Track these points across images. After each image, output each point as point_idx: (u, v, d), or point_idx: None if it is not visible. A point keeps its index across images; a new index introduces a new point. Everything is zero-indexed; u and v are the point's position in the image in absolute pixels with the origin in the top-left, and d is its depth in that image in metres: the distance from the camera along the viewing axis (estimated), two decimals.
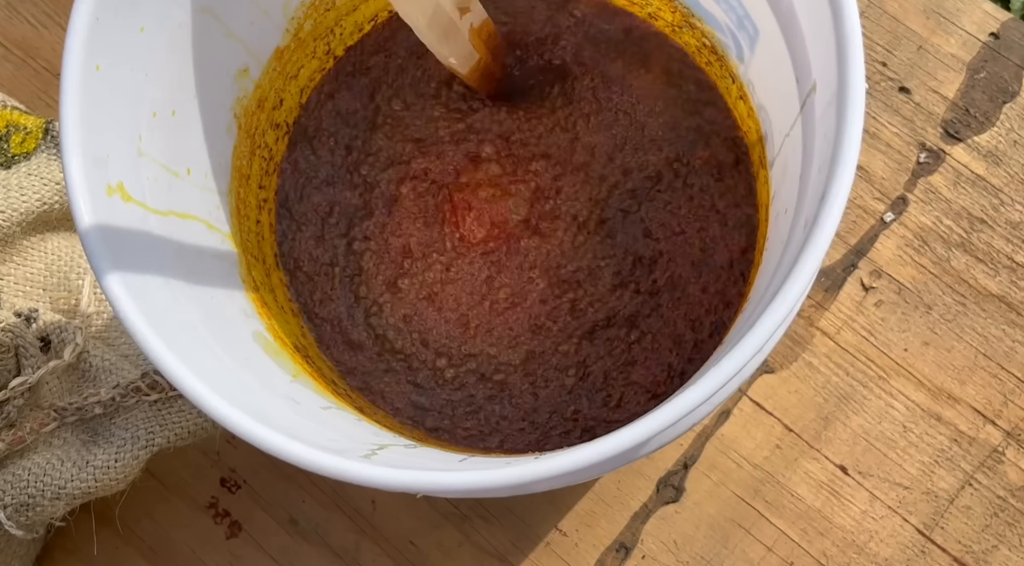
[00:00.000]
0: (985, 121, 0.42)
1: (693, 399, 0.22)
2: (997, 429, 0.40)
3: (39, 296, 0.38)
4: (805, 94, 0.26)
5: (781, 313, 0.21)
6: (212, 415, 0.23)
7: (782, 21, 0.27)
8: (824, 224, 0.22)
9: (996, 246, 0.41)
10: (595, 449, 0.22)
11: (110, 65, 0.26)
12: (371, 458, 0.24)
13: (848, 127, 0.22)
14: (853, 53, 0.22)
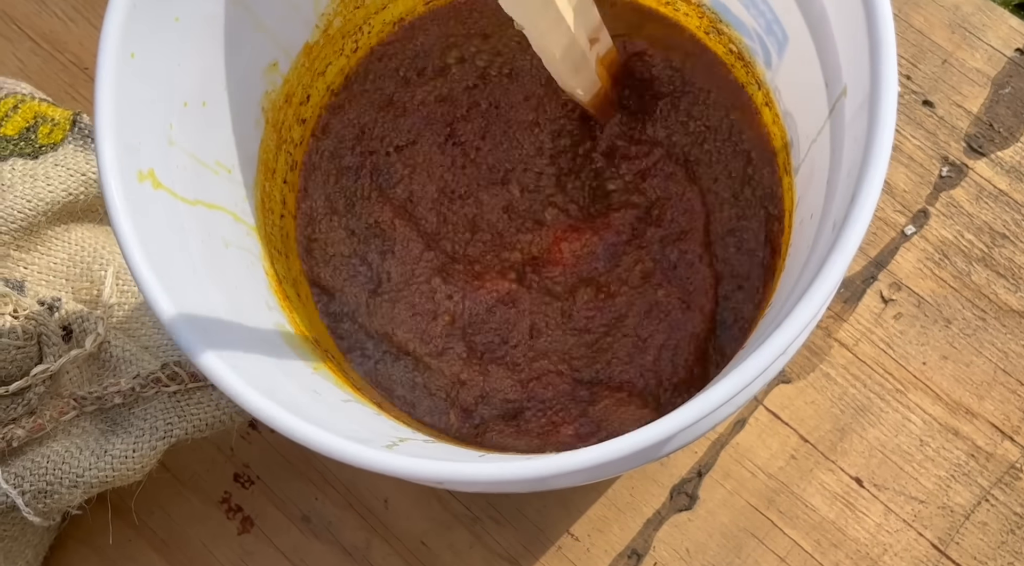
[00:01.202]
0: (1009, 136, 0.42)
1: (714, 400, 0.22)
2: (1015, 445, 0.39)
3: (62, 286, 0.39)
4: (835, 98, 0.26)
5: (809, 313, 0.21)
6: (240, 401, 0.23)
7: (812, 25, 0.27)
8: (854, 225, 0.22)
9: (1018, 262, 0.41)
10: (614, 447, 0.22)
11: (145, 53, 0.26)
12: (393, 449, 0.24)
13: (880, 129, 0.22)
14: (887, 55, 0.22)
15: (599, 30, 0.31)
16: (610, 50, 0.33)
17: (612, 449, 0.22)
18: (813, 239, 0.26)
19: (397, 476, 0.22)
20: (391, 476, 0.22)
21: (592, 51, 0.31)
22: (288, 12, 0.33)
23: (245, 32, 0.30)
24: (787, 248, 0.32)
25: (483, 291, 0.35)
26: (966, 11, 0.43)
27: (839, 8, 0.25)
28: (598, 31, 0.31)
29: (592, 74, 0.31)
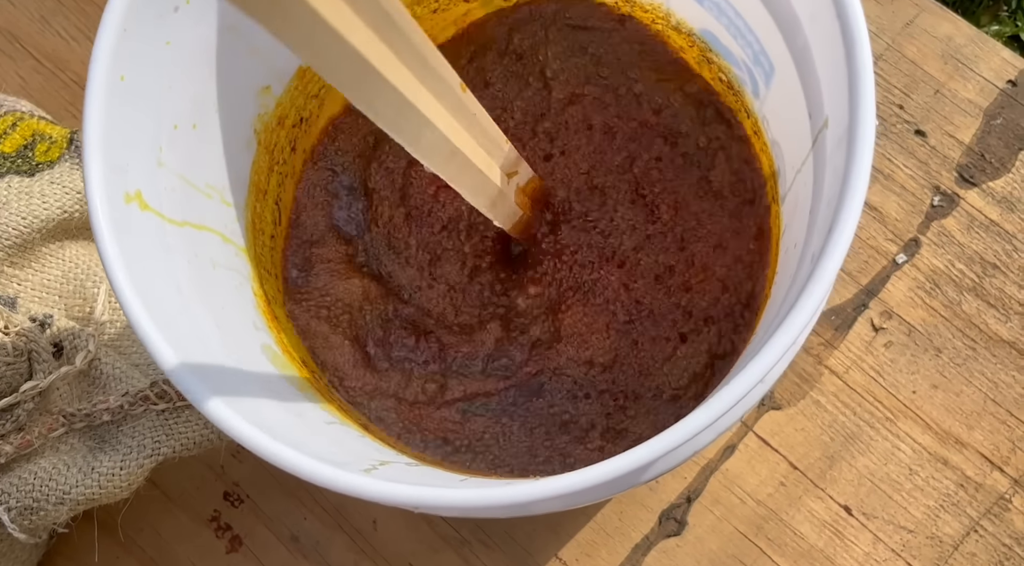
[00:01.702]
0: (1000, 167, 0.42)
1: (694, 425, 0.22)
2: (1004, 476, 0.39)
3: (55, 302, 0.39)
4: (817, 129, 0.26)
5: (784, 344, 0.21)
6: (217, 423, 0.23)
7: (797, 57, 0.27)
8: (830, 257, 0.22)
9: (1008, 292, 0.41)
10: (596, 472, 0.22)
11: (135, 76, 0.26)
12: (371, 472, 0.24)
13: (857, 162, 0.22)
14: (864, 89, 0.23)
15: (516, 164, 0.31)
16: (531, 179, 0.33)
17: (593, 475, 0.22)
18: (795, 269, 0.27)
19: (374, 501, 0.22)
20: (368, 501, 0.22)
21: (511, 183, 0.31)
22: None
23: (238, 56, 0.31)
24: (773, 277, 0.32)
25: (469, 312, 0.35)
26: (959, 42, 0.44)
27: (821, 41, 0.25)
28: (515, 164, 0.31)
29: (510, 206, 0.32)
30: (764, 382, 0.26)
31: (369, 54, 0.20)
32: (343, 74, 0.20)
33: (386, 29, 0.21)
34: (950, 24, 0.44)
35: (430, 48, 0.23)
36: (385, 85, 0.21)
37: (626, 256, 0.36)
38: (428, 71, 0.23)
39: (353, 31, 0.19)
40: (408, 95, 0.22)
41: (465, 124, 0.26)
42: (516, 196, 0.32)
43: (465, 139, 0.26)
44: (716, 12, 0.32)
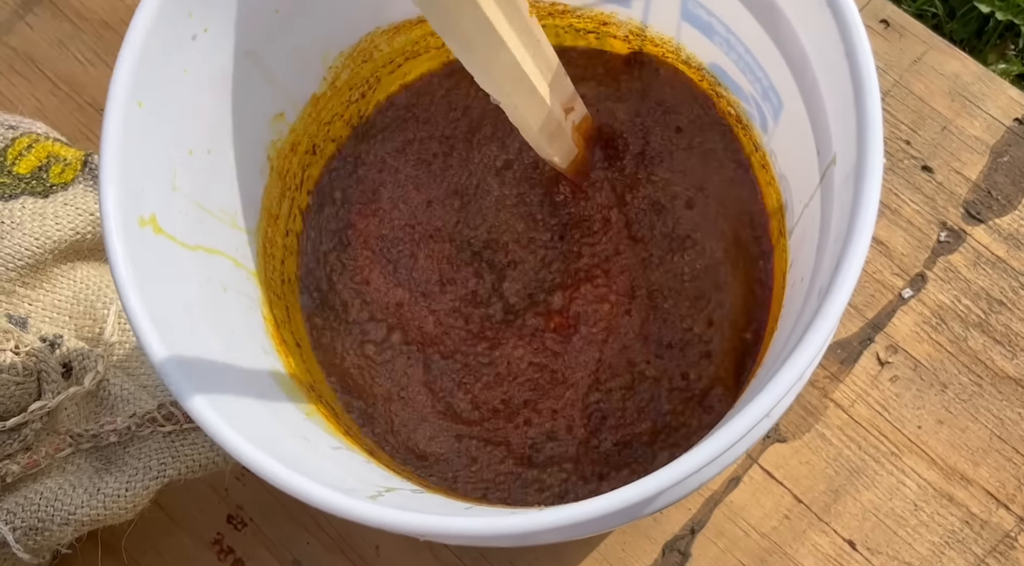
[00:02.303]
0: (1007, 204, 0.43)
1: (699, 459, 0.22)
2: (1010, 514, 0.39)
3: (65, 323, 0.39)
4: (825, 165, 0.26)
5: (790, 379, 0.22)
6: (224, 445, 0.24)
7: (805, 94, 0.28)
8: (837, 293, 0.22)
9: (1015, 329, 0.41)
10: (600, 503, 0.22)
11: (152, 102, 0.27)
12: (377, 499, 0.24)
13: (865, 199, 0.22)
14: (872, 127, 0.23)
15: (573, 99, 0.31)
16: (584, 117, 0.33)
17: (597, 506, 0.22)
18: (802, 303, 0.27)
19: (380, 528, 0.22)
20: (374, 528, 0.22)
21: (568, 120, 0.31)
22: (297, 65, 0.33)
23: (254, 84, 0.31)
24: (779, 310, 0.32)
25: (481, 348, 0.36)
26: (966, 80, 0.44)
27: (829, 78, 0.26)
28: (572, 100, 0.31)
29: (568, 142, 0.32)
30: (770, 416, 0.26)
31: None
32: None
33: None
34: (957, 62, 0.45)
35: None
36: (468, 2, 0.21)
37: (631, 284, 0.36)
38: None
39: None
40: (487, 12, 0.22)
41: (532, 51, 0.26)
42: (572, 133, 0.32)
43: (532, 65, 0.26)
44: (726, 47, 0.32)
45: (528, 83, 0.26)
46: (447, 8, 0.22)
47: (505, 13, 0.24)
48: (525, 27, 0.26)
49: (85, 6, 0.50)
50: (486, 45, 0.24)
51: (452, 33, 0.23)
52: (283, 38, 0.32)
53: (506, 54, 0.24)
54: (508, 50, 0.24)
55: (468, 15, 0.22)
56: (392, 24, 0.36)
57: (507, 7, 0.24)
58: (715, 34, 0.32)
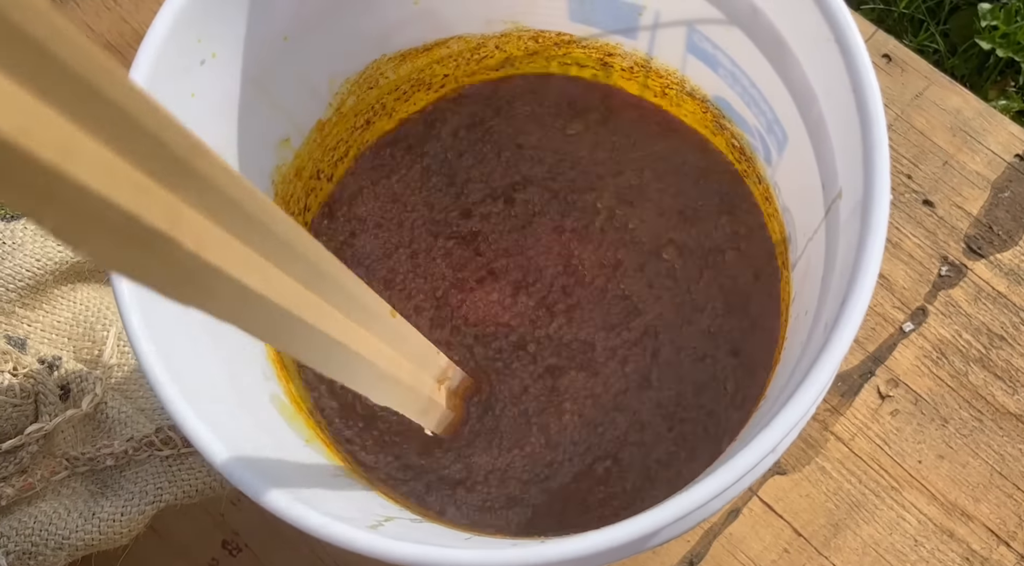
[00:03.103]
0: (1008, 240, 0.43)
1: (703, 494, 0.22)
2: (1011, 551, 0.39)
3: (64, 345, 0.39)
4: (831, 200, 0.26)
5: (797, 414, 0.22)
6: (220, 470, 0.23)
7: (811, 127, 0.28)
8: (844, 328, 0.22)
9: (1015, 364, 0.41)
10: (602, 537, 0.22)
11: None
12: (377, 529, 0.24)
13: (872, 235, 0.22)
14: (880, 163, 0.23)
15: (447, 370, 0.31)
16: (462, 380, 0.33)
17: (599, 540, 0.22)
18: (807, 336, 0.27)
19: (379, 558, 0.22)
20: (373, 558, 0.22)
21: (441, 390, 0.31)
22: (303, 91, 0.33)
23: (260, 109, 0.31)
24: (783, 342, 0.32)
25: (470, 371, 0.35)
26: (967, 115, 0.44)
27: (836, 113, 0.26)
28: (445, 372, 0.31)
29: (442, 410, 0.32)
30: (775, 452, 0.26)
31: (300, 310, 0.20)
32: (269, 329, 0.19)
33: (315, 281, 0.20)
34: (959, 97, 0.45)
35: (360, 287, 0.23)
36: (314, 332, 0.21)
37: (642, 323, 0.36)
38: (357, 307, 0.23)
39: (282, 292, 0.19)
40: (336, 335, 0.22)
41: (395, 346, 0.26)
42: (448, 400, 0.32)
43: (395, 361, 0.26)
44: (731, 81, 0.32)
45: (389, 379, 0.26)
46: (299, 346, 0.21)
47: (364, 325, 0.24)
48: (388, 330, 0.25)
49: (92, 29, 0.50)
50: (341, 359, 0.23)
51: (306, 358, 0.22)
52: (290, 64, 0.32)
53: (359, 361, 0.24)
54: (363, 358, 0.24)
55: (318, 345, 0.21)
56: (398, 51, 0.36)
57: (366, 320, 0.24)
58: (720, 67, 0.32)
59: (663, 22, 0.32)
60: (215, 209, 0.16)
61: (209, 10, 0.27)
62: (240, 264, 0.17)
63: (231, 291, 0.17)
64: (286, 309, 0.19)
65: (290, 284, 0.19)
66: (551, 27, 0.36)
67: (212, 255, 0.16)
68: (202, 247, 0.16)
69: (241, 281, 0.17)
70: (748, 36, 0.29)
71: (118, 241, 0.14)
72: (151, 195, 0.14)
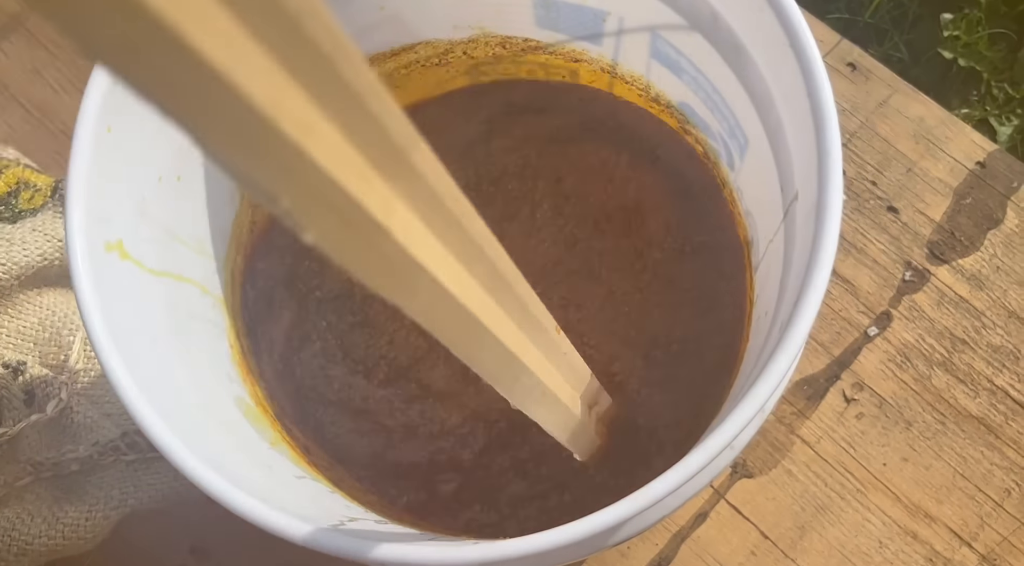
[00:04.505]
0: (970, 245, 0.43)
1: (661, 490, 0.22)
2: (973, 552, 0.39)
3: (29, 349, 0.39)
4: (789, 202, 0.27)
5: (750, 412, 0.22)
6: (184, 472, 0.23)
7: (770, 132, 0.28)
8: (797, 327, 0.22)
9: (977, 368, 0.42)
10: (563, 533, 0.22)
11: (121, 128, 0.27)
12: (339, 528, 0.24)
13: (825, 236, 0.23)
14: (833, 166, 0.23)
15: (598, 394, 0.31)
16: (608, 407, 0.33)
17: (559, 536, 0.22)
18: (765, 337, 0.27)
19: (338, 555, 0.22)
20: (331, 555, 0.22)
21: (591, 415, 0.31)
22: None
23: None
24: (746, 344, 0.33)
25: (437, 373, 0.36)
26: (930, 123, 0.45)
27: (792, 117, 0.26)
28: (596, 396, 0.31)
29: (590, 435, 0.31)
30: (732, 448, 0.26)
31: (481, 313, 0.19)
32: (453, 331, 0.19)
33: (495, 284, 0.20)
34: (922, 105, 0.46)
35: (532, 296, 0.23)
36: (492, 340, 0.20)
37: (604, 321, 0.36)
38: (528, 319, 0.23)
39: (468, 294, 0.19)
40: (511, 346, 0.21)
41: (556, 363, 0.26)
42: (596, 425, 0.31)
43: (556, 379, 0.26)
44: (694, 86, 0.32)
45: (551, 396, 0.25)
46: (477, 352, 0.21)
47: (532, 338, 0.24)
48: (551, 345, 0.25)
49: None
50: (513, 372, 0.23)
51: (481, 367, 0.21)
52: None
53: (529, 377, 0.23)
54: (532, 373, 0.23)
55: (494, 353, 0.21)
56: (364, 56, 0.36)
57: (534, 333, 0.23)
58: (683, 73, 0.33)
59: (627, 28, 0.33)
60: (421, 205, 0.16)
61: None
62: (438, 261, 0.17)
63: (430, 289, 0.17)
64: (473, 314, 0.19)
65: (476, 287, 0.19)
66: (518, 33, 0.36)
67: (417, 251, 0.16)
68: (409, 240, 0.16)
69: (439, 280, 0.17)
70: (709, 42, 0.30)
71: (341, 224, 0.14)
72: (371, 183, 0.14)
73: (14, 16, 0.50)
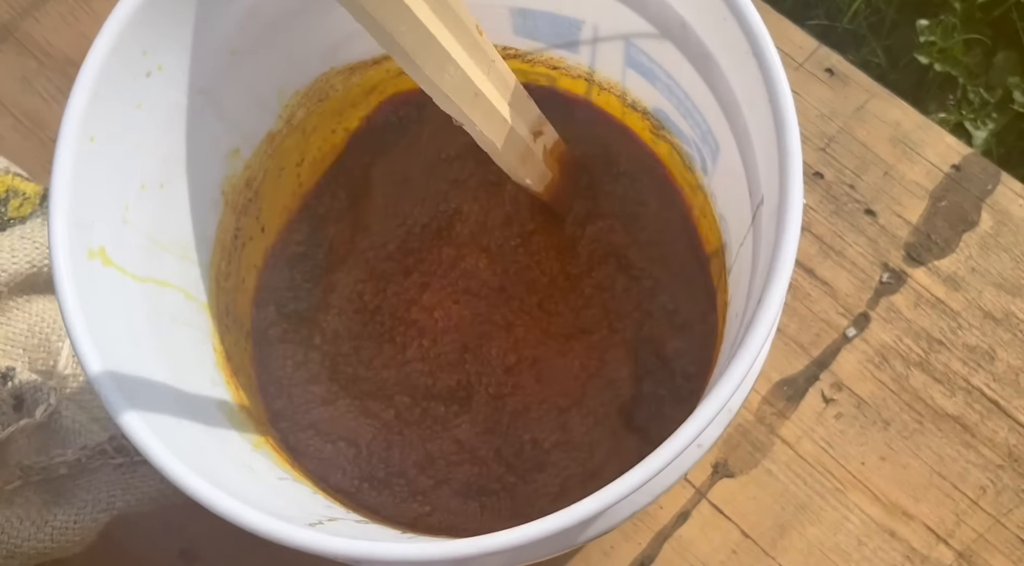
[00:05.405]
0: (946, 247, 0.44)
1: (629, 485, 0.23)
2: (949, 549, 0.40)
3: (18, 355, 0.39)
4: (756, 206, 0.28)
5: (712, 410, 0.22)
6: (166, 474, 0.24)
7: (738, 138, 0.29)
8: (757, 328, 0.23)
9: (953, 368, 0.42)
10: (535, 528, 0.23)
11: (104, 137, 0.28)
12: (317, 527, 0.25)
13: (786, 237, 0.23)
14: (793, 169, 0.24)
15: (541, 123, 0.32)
16: (557, 142, 0.34)
17: (531, 531, 0.23)
18: (734, 338, 0.28)
19: (315, 553, 0.23)
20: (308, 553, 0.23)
21: (537, 143, 0.32)
22: (252, 102, 0.34)
23: (208, 120, 0.32)
24: (719, 345, 0.33)
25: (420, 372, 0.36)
26: (907, 128, 0.46)
27: (758, 123, 0.27)
28: (540, 124, 0.32)
29: (540, 165, 0.32)
30: (700, 445, 0.27)
31: None
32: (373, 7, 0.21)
33: None
34: (898, 110, 0.46)
35: None
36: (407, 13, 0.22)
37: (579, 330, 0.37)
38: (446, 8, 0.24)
39: None
40: (430, 27, 0.23)
41: (484, 68, 0.26)
42: (543, 157, 0.32)
43: (486, 83, 0.26)
44: (667, 93, 0.33)
45: (484, 101, 0.26)
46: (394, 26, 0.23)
47: (450, 29, 0.25)
48: (474, 44, 0.26)
49: (51, 43, 0.50)
50: (432, 60, 0.24)
51: (395, 48, 0.23)
52: (238, 77, 0.32)
53: (455, 69, 0.25)
54: (456, 65, 0.25)
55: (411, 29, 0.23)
56: (347, 64, 0.37)
57: (451, 23, 0.25)
58: (657, 80, 0.33)
59: (601, 36, 0.34)
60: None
61: (154, 23, 0.28)
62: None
63: None
64: None
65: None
66: (497, 41, 0.37)
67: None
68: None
69: None
70: (679, 50, 0.30)
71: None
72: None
73: (4, 25, 0.51)
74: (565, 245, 0.38)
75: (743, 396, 0.28)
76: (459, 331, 0.36)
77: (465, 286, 0.37)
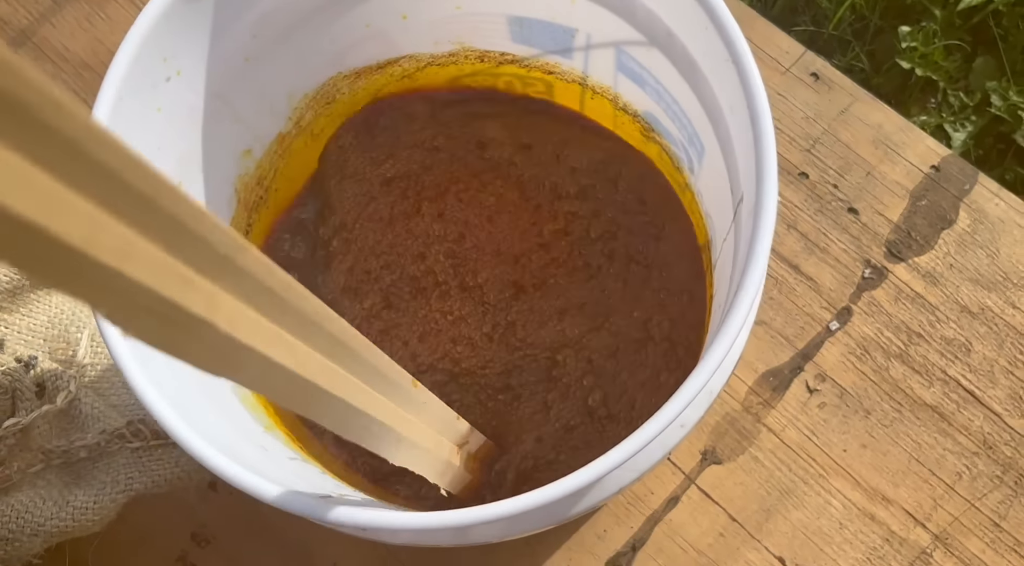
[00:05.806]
0: (925, 244, 0.46)
1: (614, 459, 0.25)
2: (926, 532, 0.42)
3: (40, 345, 0.41)
4: (736, 203, 0.29)
5: (692, 391, 0.24)
6: (189, 449, 0.26)
7: (721, 140, 0.31)
8: (736, 311, 0.25)
9: (931, 360, 0.44)
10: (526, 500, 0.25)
11: (126, 138, 0.29)
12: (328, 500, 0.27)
13: (761, 232, 0.25)
14: (768, 169, 0.26)
15: (467, 435, 0.33)
16: (481, 446, 0.35)
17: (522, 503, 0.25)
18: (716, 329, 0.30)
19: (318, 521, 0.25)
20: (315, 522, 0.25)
21: (462, 452, 0.33)
22: (263, 106, 0.36)
23: (223, 122, 0.34)
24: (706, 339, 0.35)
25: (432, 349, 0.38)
26: (888, 130, 0.48)
27: (738, 126, 0.29)
28: (466, 436, 0.33)
29: (460, 474, 0.33)
30: (683, 426, 0.29)
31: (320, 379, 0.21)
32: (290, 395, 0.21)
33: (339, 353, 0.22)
34: (881, 113, 0.48)
35: (382, 360, 0.25)
36: (333, 400, 0.22)
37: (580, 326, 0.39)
38: (378, 377, 0.24)
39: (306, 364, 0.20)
40: (356, 403, 0.23)
41: (414, 412, 0.27)
42: (467, 462, 0.33)
43: (415, 427, 0.27)
44: (656, 97, 0.35)
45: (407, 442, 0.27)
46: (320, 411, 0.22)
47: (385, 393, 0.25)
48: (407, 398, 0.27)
49: (67, 48, 0.52)
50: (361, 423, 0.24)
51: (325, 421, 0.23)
52: (251, 82, 0.34)
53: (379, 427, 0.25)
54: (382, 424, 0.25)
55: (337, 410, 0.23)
56: (353, 69, 0.39)
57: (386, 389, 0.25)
58: (646, 85, 0.35)
59: (594, 43, 0.36)
60: (250, 294, 0.18)
61: (174, 32, 0.30)
62: (269, 341, 0.18)
63: (259, 365, 0.18)
64: (309, 380, 0.20)
65: (315, 357, 0.21)
66: (495, 47, 0.39)
67: (243, 334, 0.17)
68: (235, 328, 0.17)
69: (268, 356, 0.18)
70: (666, 57, 0.32)
71: (161, 324, 0.15)
72: (194, 285, 0.16)
73: (21, 31, 0.53)
74: (576, 239, 0.40)
75: (723, 379, 0.29)
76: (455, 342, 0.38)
77: (468, 296, 0.39)
